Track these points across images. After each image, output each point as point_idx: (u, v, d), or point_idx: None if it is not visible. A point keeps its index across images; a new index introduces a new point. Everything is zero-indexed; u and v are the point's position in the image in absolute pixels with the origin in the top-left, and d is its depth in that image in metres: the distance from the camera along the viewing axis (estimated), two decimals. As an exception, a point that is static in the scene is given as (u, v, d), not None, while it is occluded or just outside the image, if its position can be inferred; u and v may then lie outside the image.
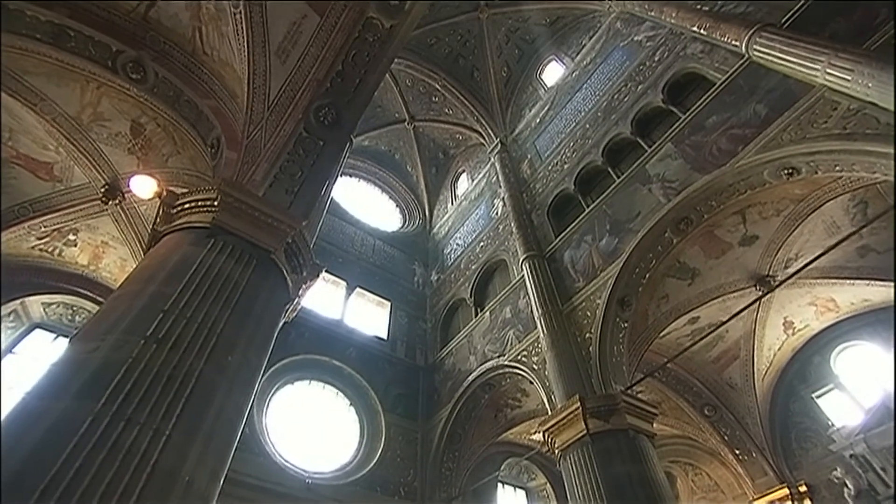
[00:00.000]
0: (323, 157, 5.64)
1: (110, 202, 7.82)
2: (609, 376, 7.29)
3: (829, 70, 5.93)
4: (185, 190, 5.01)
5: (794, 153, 6.29)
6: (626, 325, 7.97)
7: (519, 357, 9.24)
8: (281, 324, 4.92)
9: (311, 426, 10.35)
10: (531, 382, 8.98)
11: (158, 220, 4.56)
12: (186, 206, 4.50)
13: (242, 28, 5.82)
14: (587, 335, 7.93)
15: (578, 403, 6.81)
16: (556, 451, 7.09)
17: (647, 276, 8.08)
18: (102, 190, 7.70)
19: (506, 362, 9.53)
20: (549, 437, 7.20)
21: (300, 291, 5.01)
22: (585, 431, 6.63)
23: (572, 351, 7.85)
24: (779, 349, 10.32)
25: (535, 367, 8.71)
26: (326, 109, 5.74)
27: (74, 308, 8.93)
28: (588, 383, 7.33)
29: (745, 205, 7.64)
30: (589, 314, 8.13)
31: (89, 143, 7.19)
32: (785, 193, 7.39)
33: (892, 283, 8.55)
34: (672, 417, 11.27)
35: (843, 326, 9.85)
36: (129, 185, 5.57)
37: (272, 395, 10.04)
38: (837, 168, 6.10)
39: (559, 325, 8.30)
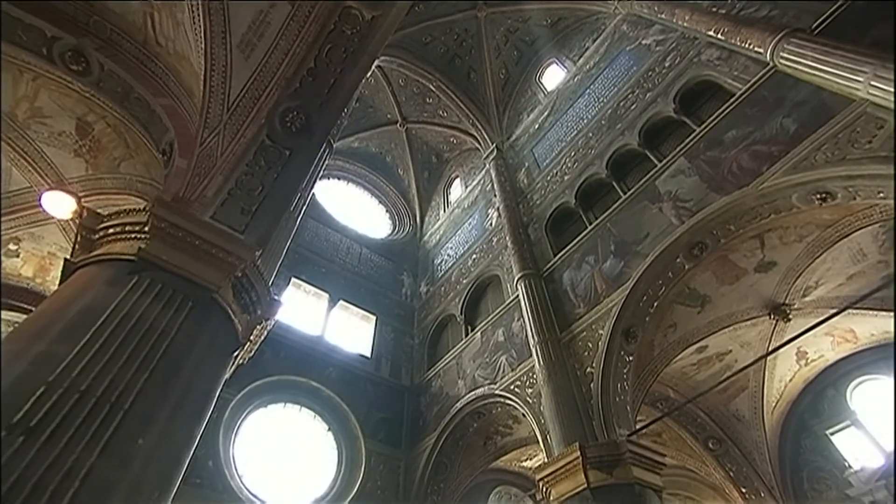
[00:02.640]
0: (289, 170, 4.80)
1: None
2: (612, 419, 6.51)
3: (873, 83, 5.19)
4: (137, 204, 4.18)
5: (829, 176, 5.54)
6: (630, 358, 7.19)
7: (512, 387, 8.44)
8: (227, 375, 4.08)
9: (285, 454, 9.50)
10: (524, 415, 8.19)
11: (76, 247, 3.70)
12: (110, 231, 3.64)
13: (199, 16, 4.97)
14: (588, 369, 7.14)
15: (578, 453, 6.03)
16: (553, 504, 6.31)
17: (656, 304, 7.31)
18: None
19: (497, 391, 8.73)
20: (544, 486, 6.41)
21: (253, 334, 4.16)
22: (586, 485, 5.86)
23: (571, 387, 7.07)
24: (790, 380, 9.62)
25: (530, 400, 7.91)
26: (295, 113, 4.90)
27: (17, 325, 8.00)
28: (589, 426, 6.55)
29: (766, 229, 6.89)
30: (590, 345, 7.35)
31: (28, 143, 6.29)
32: (811, 218, 6.65)
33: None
34: (673, 448, 10.52)
35: (860, 358, 9.16)
36: (39, 203, 4.70)
37: (242, 420, 9.16)
38: (881, 195, 5.35)
39: (557, 357, 7.51)
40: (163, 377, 3.01)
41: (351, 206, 16.25)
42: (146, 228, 3.58)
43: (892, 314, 8.13)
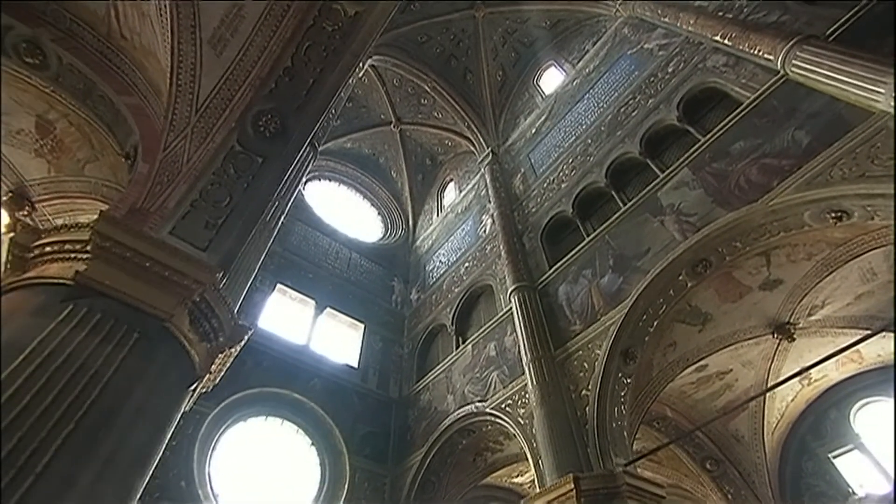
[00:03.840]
0: (261, 179, 4.36)
1: (17, 213, 6.43)
2: (608, 447, 6.11)
3: (896, 95, 4.83)
4: (88, 215, 3.73)
5: (846, 194, 5.17)
6: (629, 380, 6.80)
7: (503, 406, 8.03)
8: (186, 408, 3.65)
9: (265, 470, 9.05)
10: (516, 436, 7.78)
11: (7, 267, 3.25)
12: (46, 249, 3.19)
13: (166, 7, 4.53)
14: (583, 392, 6.75)
15: (572, 484, 5.63)
16: (544, 537, 5.91)
17: (656, 323, 6.92)
18: (6, 198, 6.32)
19: (488, 409, 8.32)
20: (535, 518, 6.02)
21: (215, 364, 3.72)
22: (580, 520, 5.46)
23: (565, 410, 6.67)
24: (792, 400, 9.27)
25: (522, 420, 7.51)
26: (269, 116, 4.46)
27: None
28: (583, 454, 6.15)
29: (773, 246, 6.52)
30: (586, 366, 6.95)
31: (-17, 142, 5.82)
32: (822, 236, 6.28)
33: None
34: (669, 468, 10.17)
35: (865, 379, 8.82)
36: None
37: (220, 435, 8.69)
38: (902, 216, 4.99)
39: (551, 377, 7.11)
40: (92, 427, 2.57)
41: (341, 209, 15.81)
42: (88, 248, 3.14)
43: (899, 335, 7.80)
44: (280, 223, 5.44)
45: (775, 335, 7.98)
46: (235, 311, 4.15)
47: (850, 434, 8.90)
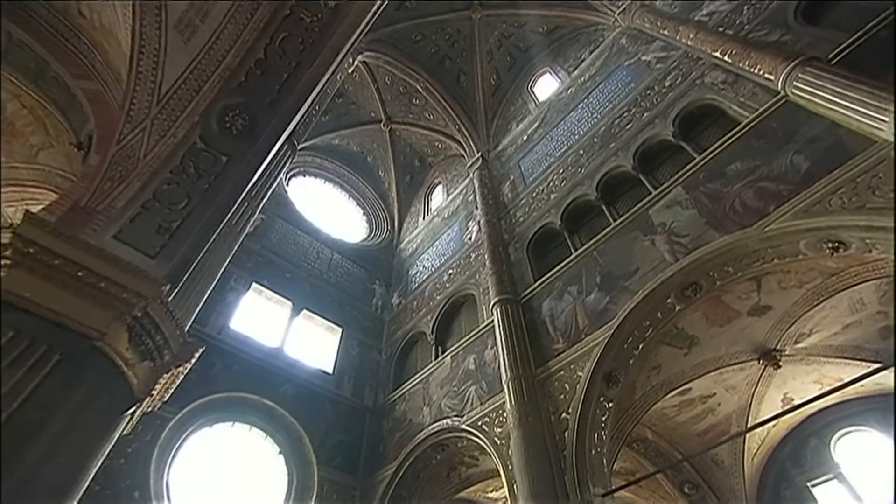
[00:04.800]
0: (224, 180, 3.97)
1: (-37, 200, 5.94)
2: (586, 475, 5.82)
3: (901, 125, 4.62)
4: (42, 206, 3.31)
5: (846, 224, 4.95)
6: (610, 404, 6.53)
7: (480, 423, 7.72)
8: (126, 431, 3.26)
9: (229, 479, 8.62)
10: (491, 456, 7.47)
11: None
12: (-41, 253, 2.78)
13: (128, -15, 4.13)
14: (563, 415, 6.46)
15: (548, 516, 5.35)
16: (516, 569, 5.61)
17: (641, 346, 6.67)
18: (-49, 184, 5.81)
19: (464, 426, 7.99)
20: (507, 549, 5.71)
21: (159, 384, 3.33)
22: (554, 555, 5.17)
23: (544, 434, 6.36)
24: (773, 426, 9.11)
25: (498, 441, 7.20)
26: (236, 112, 4.07)
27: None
28: (560, 481, 5.85)
29: (765, 272, 6.31)
30: (567, 387, 6.66)
31: (-76, 121, 5.33)
32: (815, 265, 6.09)
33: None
34: (646, 489, 9.94)
35: (847, 408, 8.70)
36: None
37: (182, 442, 8.22)
38: (903, 251, 4.79)
39: (530, 397, 6.81)
40: (-11, 471, 2.18)
41: (325, 207, 15.37)
42: (7, 253, 2.74)
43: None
44: (247, 228, 5.04)
45: (761, 361, 7.81)
46: (189, 323, 3.78)
47: (829, 463, 8.78)
